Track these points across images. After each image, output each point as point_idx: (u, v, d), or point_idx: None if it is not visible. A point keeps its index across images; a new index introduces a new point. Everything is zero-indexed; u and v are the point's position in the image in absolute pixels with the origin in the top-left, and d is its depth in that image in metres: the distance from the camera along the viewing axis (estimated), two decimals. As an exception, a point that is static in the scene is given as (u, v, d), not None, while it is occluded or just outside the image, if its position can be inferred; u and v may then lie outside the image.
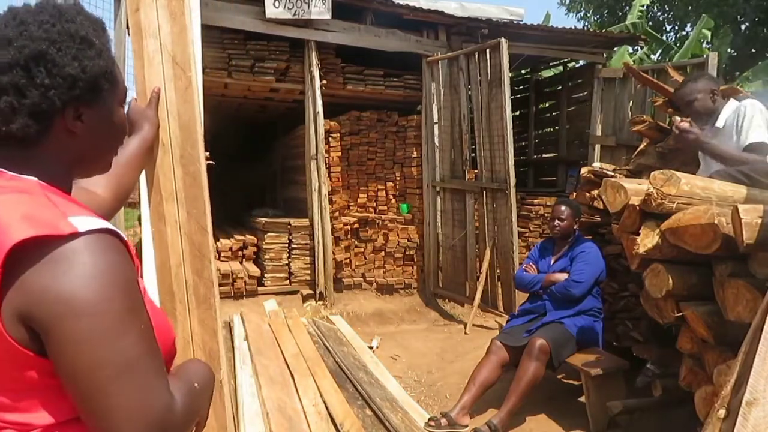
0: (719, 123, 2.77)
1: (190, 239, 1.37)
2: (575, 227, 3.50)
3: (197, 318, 1.33)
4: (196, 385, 0.88)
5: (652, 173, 2.15)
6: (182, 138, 1.37)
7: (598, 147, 6.64)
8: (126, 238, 0.78)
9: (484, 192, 5.58)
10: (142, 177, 1.44)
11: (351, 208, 6.31)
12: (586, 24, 15.78)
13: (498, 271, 5.52)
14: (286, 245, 5.79)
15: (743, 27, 13.34)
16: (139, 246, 1.43)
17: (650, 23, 13.58)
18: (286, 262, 5.79)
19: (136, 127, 1.35)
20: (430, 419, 3.02)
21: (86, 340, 0.69)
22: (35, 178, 0.79)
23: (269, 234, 5.76)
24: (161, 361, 0.77)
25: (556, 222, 3.47)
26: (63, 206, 0.75)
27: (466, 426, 3.03)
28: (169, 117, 1.39)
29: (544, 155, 9.04)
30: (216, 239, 5.75)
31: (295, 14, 5.30)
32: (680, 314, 2.09)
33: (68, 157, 0.84)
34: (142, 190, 1.46)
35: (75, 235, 0.70)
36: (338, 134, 6.07)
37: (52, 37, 0.77)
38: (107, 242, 0.73)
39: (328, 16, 5.42)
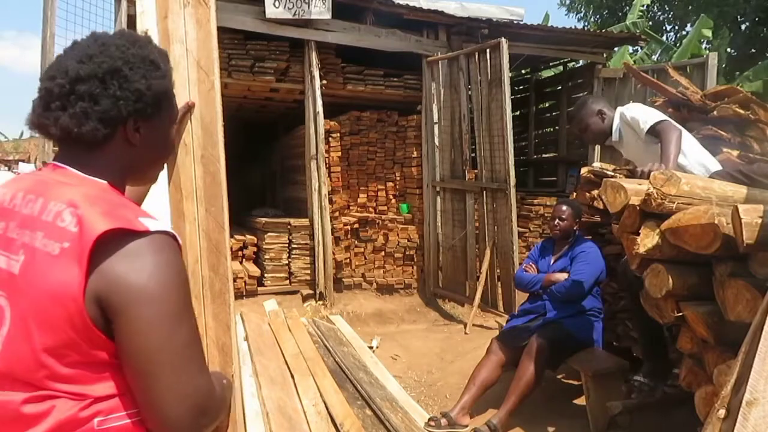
0: (614, 137, 2.91)
1: (208, 236, 1.43)
2: (575, 227, 3.50)
3: (212, 313, 1.37)
4: (224, 381, 1.03)
5: (652, 173, 2.15)
6: (204, 139, 1.45)
7: (598, 147, 6.63)
8: (180, 241, 0.90)
9: (484, 192, 5.58)
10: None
11: (351, 208, 6.31)
12: (586, 24, 15.78)
13: (498, 271, 5.52)
14: (286, 245, 5.79)
15: (743, 27, 13.34)
16: None
17: (650, 23, 13.58)
18: (286, 262, 5.79)
19: None
20: (430, 419, 3.02)
21: (151, 325, 0.80)
22: (105, 181, 0.91)
23: (269, 234, 5.76)
24: (203, 352, 0.89)
25: (557, 222, 3.46)
26: (132, 208, 0.88)
27: (466, 426, 3.03)
28: (192, 119, 1.46)
29: (544, 155, 9.04)
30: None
31: (295, 14, 5.30)
32: (680, 314, 2.08)
33: (124, 164, 0.95)
34: (155, 189, 1.51)
35: (147, 233, 0.82)
36: (338, 134, 6.07)
37: (127, 58, 0.90)
38: (170, 243, 0.85)
39: (328, 16, 5.42)
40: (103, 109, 0.87)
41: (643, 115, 2.70)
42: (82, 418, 0.80)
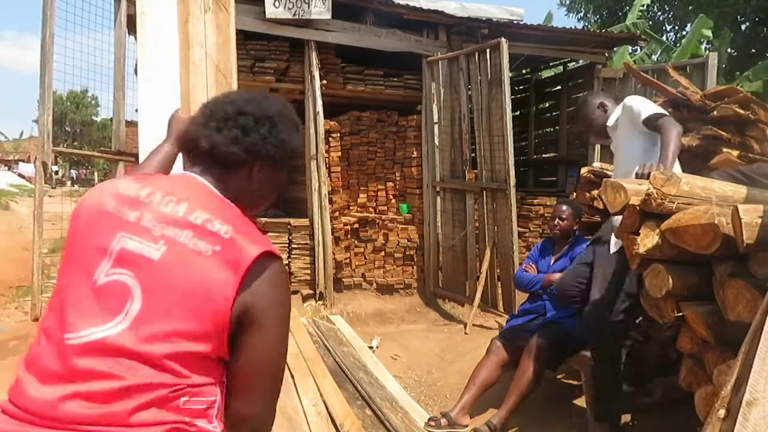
0: (609, 122, 2.88)
1: None
2: (575, 227, 3.50)
3: None
4: None
5: (652, 173, 2.15)
6: None
7: (598, 147, 6.64)
8: None
9: (484, 192, 5.58)
10: None
11: (351, 208, 6.31)
12: (586, 24, 15.78)
13: (498, 271, 5.52)
14: (286, 245, 5.79)
15: (743, 27, 13.34)
16: None
17: (650, 23, 13.58)
18: (286, 262, 5.78)
19: (171, 135, 1.46)
20: (430, 419, 3.02)
21: (277, 340, 0.99)
22: (238, 210, 1.05)
23: (269, 234, 5.76)
24: None
25: (557, 222, 3.47)
26: (260, 233, 1.03)
27: (466, 426, 3.03)
28: None
29: (544, 155, 9.04)
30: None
31: (295, 14, 5.30)
32: (680, 314, 2.08)
33: (237, 192, 1.09)
34: None
35: (277, 257, 1.00)
36: (338, 134, 6.07)
37: (281, 113, 1.11)
38: (284, 266, 1.04)
39: (328, 16, 5.42)
40: (251, 141, 1.06)
41: (646, 104, 2.67)
42: (174, 396, 0.91)
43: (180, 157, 1.47)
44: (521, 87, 9.19)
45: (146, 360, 0.89)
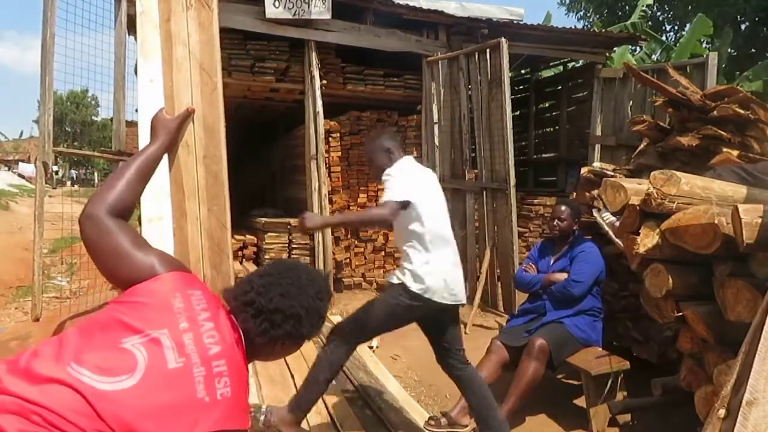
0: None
1: (210, 235, 1.48)
2: (575, 227, 3.50)
3: None
4: None
5: (652, 173, 2.15)
6: (206, 139, 1.48)
7: (598, 147, 6.64)
8: None
9: (484, 192, 5.58)
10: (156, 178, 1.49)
11: (351, 208, 6.31)
12: (586, 24, 15.78)
13: (498, 271, 5.52)
14: (286, 245, 5.79)
15: (743, 27, 13.34)
16: None
17: (650, 23, 13.58)
18: (286, 262, 5.78)
19: (154, 136, 1.44)
20: (429, 419, 3.02)
21: None
22: (247, 376, 1.22)
23: (269, 234, 5.76)
24: None
25: (556, 222, 3.46)
26: (243, 412, 1.15)
27: (466, 426, 3.03)
28: (194, 120, 1.48)
29: (544, 155, 9.04)
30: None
31: (295, 14, 5.30)
32: (680, 314, 2.08)
33: (261, 355, 1.29)
34: (157, 190, 1.51)
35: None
36: (338, 134, 6.07)
37: (309, 308, 1.24)
38: None
39: (328, 16, 5.42)
40: (276, 334, 1.21)
41: (391, 186, 2.45)
42: None
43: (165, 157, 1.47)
44: (521, 87, 9.19)
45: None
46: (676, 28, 15.41)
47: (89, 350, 1.04)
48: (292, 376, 3.42)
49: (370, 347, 4.55)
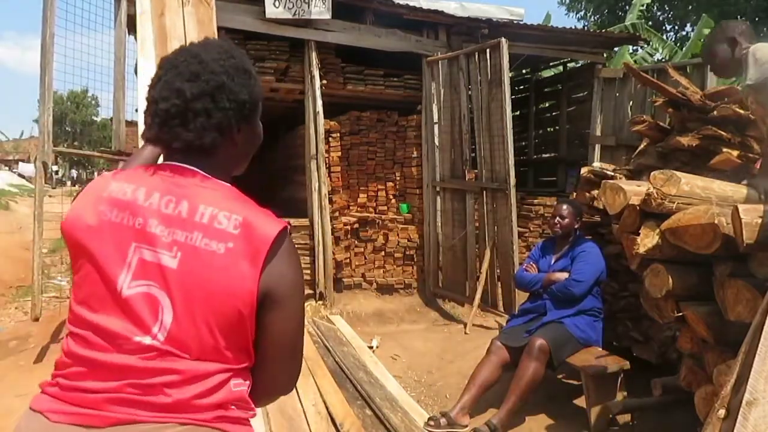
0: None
1: None
2: (576, 226, 3.50)
3: None
4: None
5: (652, 173, 2.15)
6: None
7: (598, 147, 6.64)
8: None
9: (484, 192, 5.58)
10: None
11: (351, 208, 6.31)
12: (586, 23, 15.78)
13: (498, 271, 5.51)
14: (286, 245, 5.78)
15: (743, 27, 13.32)
16: None
17: (650, 23, 13.58)
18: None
19: None
20: (429, 419, 3.02)
21: (298, 313, 1.03)
22: (228, 184, 1.05)
23: (269, 234, 5.75)
24: None
25: (557, 220, 3.46)
26: (261, 209, 1.02)
27: (466, 426, 3.03)
28: None
29: (544, 155, 9.03)
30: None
31: (295, 14, 5.30)
32: (680, 314, 2.08)
33: (231, 163, 1.10)
34: None
35: (286, 230, 1.00)
36: (338, 134, 6.06)
37: (228, 71, 1.02)
38: (291, 238, 1.04)
39: (328, 16, 5.42)
40: (217, 121, 1.01)
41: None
42: (224, 381, 0.97)
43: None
44: (521, 87, 9.19)
45: (192, 355, 0.95)
46: (676, 28, 15.42)
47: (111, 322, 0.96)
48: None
49: (370, 347, 4.55)
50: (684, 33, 14.35)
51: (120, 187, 1.01)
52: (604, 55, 7.42)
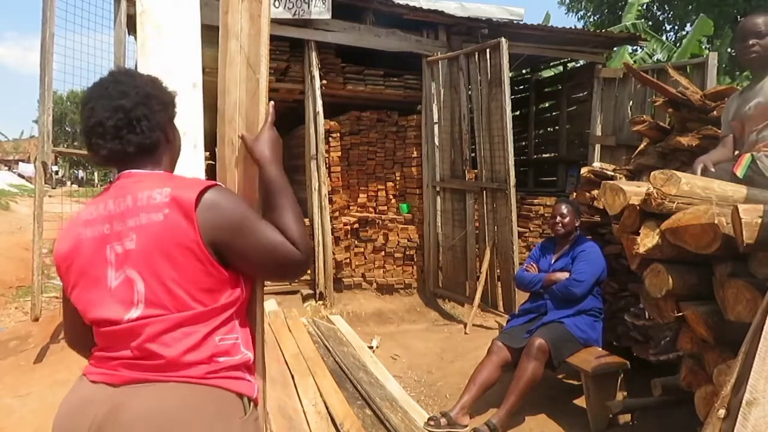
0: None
1: None
2: (576, 226, 3.50)
3: None
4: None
5: (652, 173, 2.14)
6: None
7: (598, 147, 6.64)
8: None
9: (484, 192, 5.58)
10: None
11: (351, 208, 6.31)
12: (586, 23, 15.78)
13: (498, 271, 5.52)
14: (286, 245, 5.78)
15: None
16: None
17: (650, 23, 13.58)
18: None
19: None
20: (429, 419, 3.02)
21: (247, 224, 1.16)
22: (165, 171, 1.26)
23: (269, 234, 5.75)
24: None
25: (558, 219, 3.47)
26: (191, 178, 1.22)
27: (466, 426, 3.03)
28: (238, 117, 1.44)
29: (544, 155, 9.04)
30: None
31: (295, 14, 5.30)
32: (680, 314, 2.08)
33: (169, 158, 1.30)
34: None
35: (212, 186, 1.16)
36: (338, 134, 6.07)
37: (147, 83, 1.24)
38: (221, 187, 1.21)
39: (328, 16, 5.42)
40: (157, 121, 1.22)
41: None
42: (208, 334, 1.14)
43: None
44: (521, 87, 9.19)
45: (171, 310, 1.12)
46: (676, 28, 15.41)
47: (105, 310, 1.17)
48: (292, 376, 3.42)
49: (370, 347, 4.55)
50: (684, 33, 14.33)
51: (88, 210, 1.22)
52: (604, 55, 7.41)
